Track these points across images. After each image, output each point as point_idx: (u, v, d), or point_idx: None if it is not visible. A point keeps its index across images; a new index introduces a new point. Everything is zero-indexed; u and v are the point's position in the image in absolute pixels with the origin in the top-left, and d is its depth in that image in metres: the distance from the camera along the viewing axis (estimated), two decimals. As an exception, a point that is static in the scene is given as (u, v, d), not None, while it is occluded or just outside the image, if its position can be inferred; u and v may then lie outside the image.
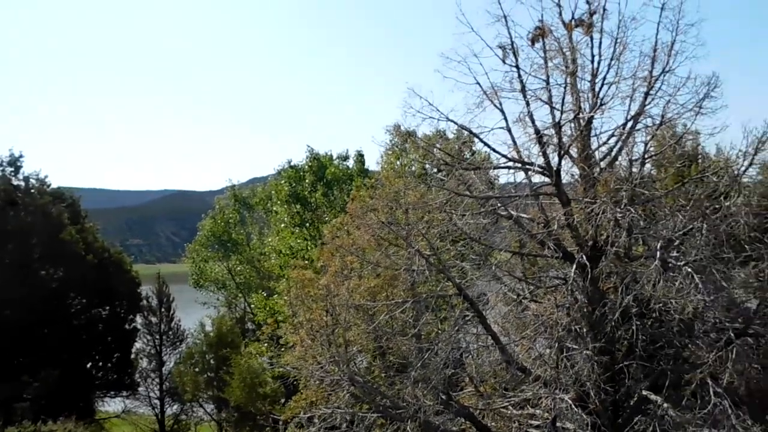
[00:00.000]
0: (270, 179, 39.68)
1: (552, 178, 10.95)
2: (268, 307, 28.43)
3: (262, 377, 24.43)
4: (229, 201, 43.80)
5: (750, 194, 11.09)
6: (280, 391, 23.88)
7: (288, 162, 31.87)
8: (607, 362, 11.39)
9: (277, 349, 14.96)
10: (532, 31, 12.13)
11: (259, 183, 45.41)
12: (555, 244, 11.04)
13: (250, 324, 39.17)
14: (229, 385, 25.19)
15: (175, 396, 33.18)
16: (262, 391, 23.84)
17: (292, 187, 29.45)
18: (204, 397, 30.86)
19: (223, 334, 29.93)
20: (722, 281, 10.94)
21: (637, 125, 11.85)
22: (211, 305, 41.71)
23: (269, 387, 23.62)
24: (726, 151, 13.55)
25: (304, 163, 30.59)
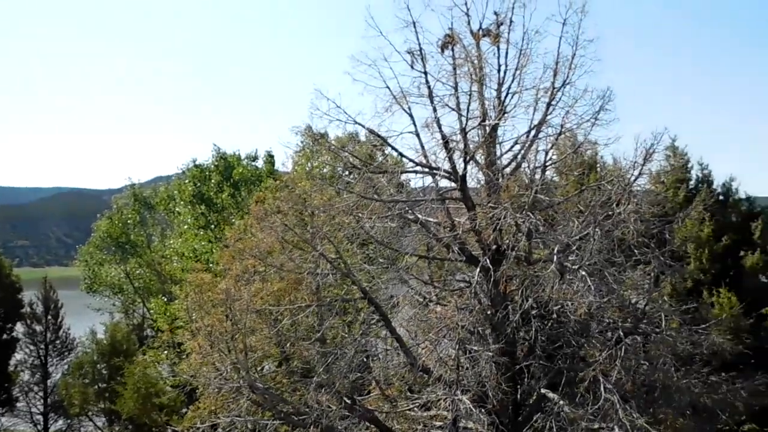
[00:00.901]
0: (174, 178, 38.10)
1: (458, 183, 11.29)
2: (168, 312, 27.22)
3: (158, 387, 23.28)
4: (129, 200, 41.58)
5: (639, 202, 11.94)
6: (179, 401, 22.88)
7: (193, 161, 30.76)
8: (508, 363, 11.90)
9: (176, 357, 14.34)
10: (442, 39, 12.49)
11: (164, 182, 43.44)
12: (460, 247, 11.39)
13: (150, 330, 37.38)
14: (122, 396, 23.79)
15: (61, 410, 30.94)
16: (159, 402, 22.71)
17: (196, 187, 28.46)
18: (94, 410, 28.99)
19: (117, 342, 28.28)
20: (614, 283, 11.77)
21: (539, 134, 12.50)
22: (105, 311, 39.32)
23: (167, 397, 22.54)
24: (620, 161, 14.68)
25: (210, 163, 29.69)
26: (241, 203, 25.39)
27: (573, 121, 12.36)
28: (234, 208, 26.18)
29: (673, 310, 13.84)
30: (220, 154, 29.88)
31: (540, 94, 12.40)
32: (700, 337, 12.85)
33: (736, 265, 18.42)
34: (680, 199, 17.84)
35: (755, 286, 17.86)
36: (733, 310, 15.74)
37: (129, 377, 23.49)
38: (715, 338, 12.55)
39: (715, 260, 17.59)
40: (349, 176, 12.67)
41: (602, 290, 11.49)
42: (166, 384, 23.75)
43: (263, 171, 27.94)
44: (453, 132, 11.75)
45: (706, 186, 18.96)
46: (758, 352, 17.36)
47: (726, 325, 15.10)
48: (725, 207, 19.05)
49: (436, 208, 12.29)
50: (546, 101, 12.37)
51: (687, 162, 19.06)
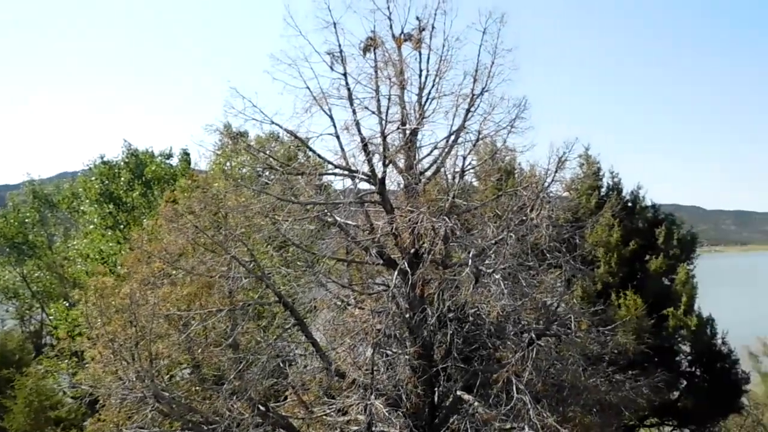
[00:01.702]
0: (80, 175, 36.13)
1: (377, 186, 11.49)
2: (70, 318, 25.78)
3: (55, 399, 21.87)
4: (27, 197, 39.03)
5: (552, 208, 12.60)
6: (80, 413, 21.62)
7: (101, 157, 29.25)
8: (425, 365, 12.24)
9: (77, 366, 13.66)
10: (364, 41, 12.68)
11: (69, 178, 41.05)
12: (378, 251, 11.60)
13: (49, 338, 35.22)
14: (11, 412, 22.08)
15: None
16: (56, 415, 21.35)
17: (104, 185, 27.12)
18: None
19: (8, 352, 26.27)
20: (527, 287, 12.37)
21: (458, 139, 12.94)
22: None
23: (66, 409, 21.23)
24: (536, 167, 15.44)
25: (120, 160, 28.40)
26: (153, 203, 24.47)
27: (491, 127, 12.88)
28: (146, 208, 25.20)
29: (583, 312, 14.72)
30: (131, 151, 28.63)
31: (459, 101, 12.85)
32: (606, 338, 13.75)
33: (642, 269, 19.81)
34: (592, 205, 18.95)
35: (658, 288, 19.29)
36: (638, 312, 16.88)
37: (20, 390, 21.85)
38: (620, 338, 13.41)
39: (622, 264, 18.79)
40: (268, 177, 12.60)
41: (516, 293, 12.06)
42: (65, 396, 22.37)
43: (178, 169, 27.06)
44: (374, 135, 11.94)
45: (616, 193, 20.25)
46: (659, 350, 18.76)
47: (631, 325, 16.19)
48: (633, 213, 20.42)
49: (355, 210, 12.44)
50: (465, 107, 12.84)
51: (599, 170, 20.28)
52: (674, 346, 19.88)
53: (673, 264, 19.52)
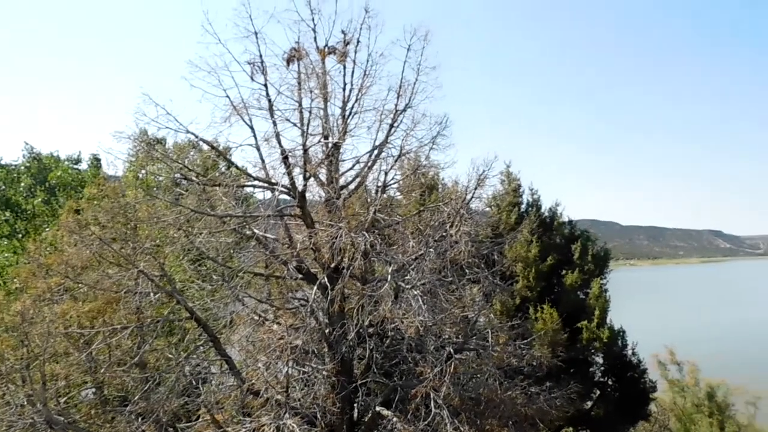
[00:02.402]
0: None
1: (297, 199, 11.38)
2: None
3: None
4: None
5: (472, 224, 12.90)
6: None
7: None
8: (345, 381, 12.18)
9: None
10: (288, 52, 12.58)
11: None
12: (297, 265, 11.47)
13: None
14: None
15: None
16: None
17: (0, 191, 25.20)
18: None
19: None
20: (446, 302, 12.58)
21: (381, 154, 13.05)
22: None
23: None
24: (457, 184, 15.79)
25: (21, 164, 26.52)
26: (57, 210, 23.01)
27: (413, 143, 13.12)
28: (49, 216, 23.65)
29: (501, 326, 15.15)
30: (33, 155, 26.80)
31: (383, 116, 13.00)
32: (523, 351, 14.19)
33: (559, 283, 20.66)
34: (512, 221, 19.61)
35: (573, 302, 20.16)
36: (553, 325, 17.55)
37: None
38: (535, 352, 13.85)
39: (540, 279, 19.54)
40: (185, 187, 12.20)
41: (436, 308, 12.24)
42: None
43: (87, 175, 25.58)
44: (296, 147, 11.84)
45: (535, 209, 21.06)
46: (574, 362, 19.59)
47: (547, 338, 16.81)
48: (551, 229, 21.28)
49: (275, 224, 12.27)
50: (389, 123, 12.99)
51: (519, 186, 21.03)
52: (588, 358, 20.80)
53: (588, 279, 20.48)
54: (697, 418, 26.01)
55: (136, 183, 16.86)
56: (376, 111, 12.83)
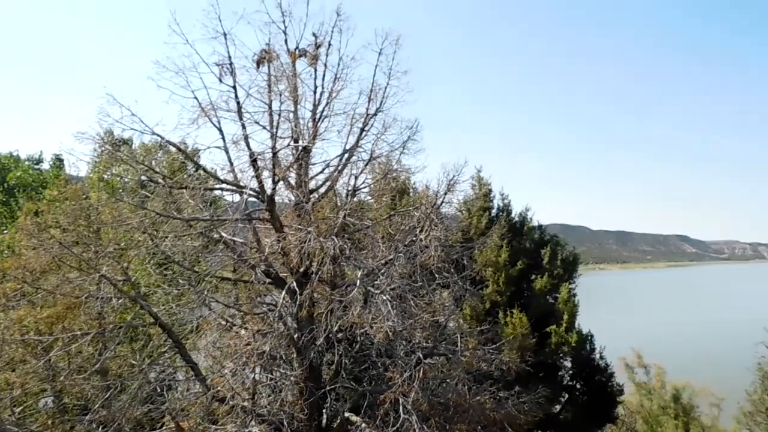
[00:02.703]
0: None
1: (266, 203, 11.27)
2: None
3: None
4: None
5: (442, 229, 12.94)
6: None
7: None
8: (313, 387, 12.09)
9: None
10: (258, 54, 12.48)
11: None
12: (265, 269, 11.35)
13: None
14: None
15: None
16: None
17: (-47, 191, 24.42)
18: None
19: None
20: (415, 307, 12.59)
21: (351, 158, 13.02)
22: None
23: None
24: (428, 188, 15.83)
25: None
26: (16, 212, 22.34)
27: (384, 148, 13.12)
28: (7, 218, 22.94)
29: (471, 331, 15.21)
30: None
31: (354, 120, 12.98)
32: (492, 356, 14.27)
33: (528, 288, 20.85)
34: (483, 225, 19.73)
35: (543, 307, 20.37)
36: (523, 329, 17.70)
37: None
38: (503, 357, 13.94)
39: (510, 283, 19.69)
40: (151, 190, 11.99)
41: (405, 314, 12.23)
42: None
43: (49, 176, 24.90)
44: (265, 150, 11.73)
45: (506, 214, 21.24)
46: (544, 366, 19.78)
47: (516, 343, 16.95)
48: (521, 234, 21.48)
49: (243, 227, 12.14)
50: (359, 127, 12.98)
51: (490, 191, 21.18)
52: (557, 362, 21.02)
53: (557, 283, 20.71)
54: (663, 420, 26.51)
55: (100, 185, 16.49)
56: (347, 115, 12.83)
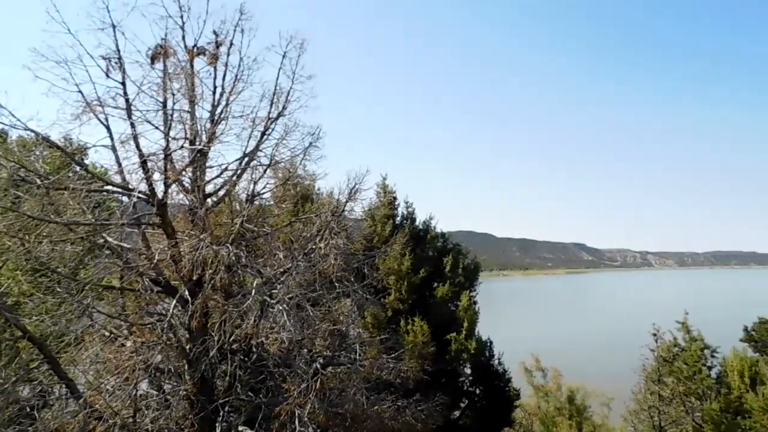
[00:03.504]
0: None
1: (156, 207, 10.76)
2: None
3: None
4: None
5: (342, 237, 12.90)
6: None
7: None
8: (204, 400, 11.65)
9: None
10: (153, 49, 11.92)
11: None
12: (155, 277, 10.83)
13: None
14: None
15: None
16: None
17: None
18: None
19: None
20: (314, 318, 12.46)
21: (251, 163, 12.71)
22: None
23: None
24: (331, 196, 15.78)
25: None
26: None
27: (285, 153, 12.91)
28: None
29: (371, 340, 15.27)
30: None
31: (255, 123, 12.69)
32: (391, 365, 14.39)
33: (431, 296, 21.26)
34: (387, 233, 19.91)
35: (444, 314, 20.84)
36: (423, 337, 18.00)
37: None
38: (402, 366, 14.09)
39: (412, 291, 19.99)
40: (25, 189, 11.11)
41: (303, 323, 12.08)
42: None
43: None
44: (157, 150, 11.19)
45: (410, 222, 21.57)
46: (445, 373, 20.23)
47: (417, 351, 17.21)
48: (424, 242, 21.89)
49: (132, 232, 11.52)
50: (261, 130, 12.70)
51: (394, 199, 21.43)
52: (457, 369, 21.56)
53: (458, 291, 21.25)
54: (558, 421, 27.84)
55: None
56: (247, 118, 12.51)
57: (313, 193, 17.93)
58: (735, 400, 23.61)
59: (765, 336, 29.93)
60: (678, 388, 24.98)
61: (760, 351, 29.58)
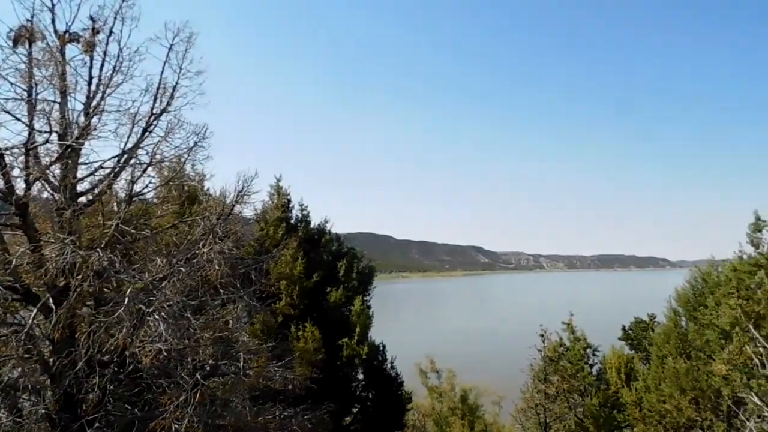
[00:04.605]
0: None
1: (15, 206, 9.88)
2: None
3: None
4: None
5: (227, 241, 12.46)
6: None
7: None
8: (68, 418, 10.86)
9: None
10: (16, 30, 10.98)
11: None
12: (12, 284, 9.94)
13: None
14: None
15: None
16: None
17: None
18: None
19: None
20: (196, 325, 11.96)
21: (131, 161, 12.00)
22: None
23: None
24: (217, 199, 15.25)
25: None
26: None
27: (169, 152, 12.29)
28: None
29: (258, 348, 14.88)
30: None
31: (137, 119, 12.01)
32: (278, 373, 14.10)
33: (325, 300, 21.14)
34: (279, 237, 19.57)
35: (336, 319, 20.79)
36: (314, 343, 17.86)
37: None
38: (288, 375, 13.85)
39: (304, 296, 19.77)
40: None
41: (184, 332, 11.56)
42: None
43: None
44: (17, 144, 10.28)
45: (304, 225, 21.32)
46: (335, 379, 20.18)
47: (307, 357, 17.03)
48: (319, 246, 21.74)
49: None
50: (142, 127, 12.05)
51: (288, 201, 21.10)
52: (350, 374, 21.59)
53: (352, 295, 21.28)
54: (452, 421, 28.68)
55: None
56: (127, 113, 11.80)
57: (201, 194, 17.24)
58: (612, 395, 25.49)
59: (640, 334, 32.53)
60: (563, 386, 26.58)
61: (635, 348, 32.11)
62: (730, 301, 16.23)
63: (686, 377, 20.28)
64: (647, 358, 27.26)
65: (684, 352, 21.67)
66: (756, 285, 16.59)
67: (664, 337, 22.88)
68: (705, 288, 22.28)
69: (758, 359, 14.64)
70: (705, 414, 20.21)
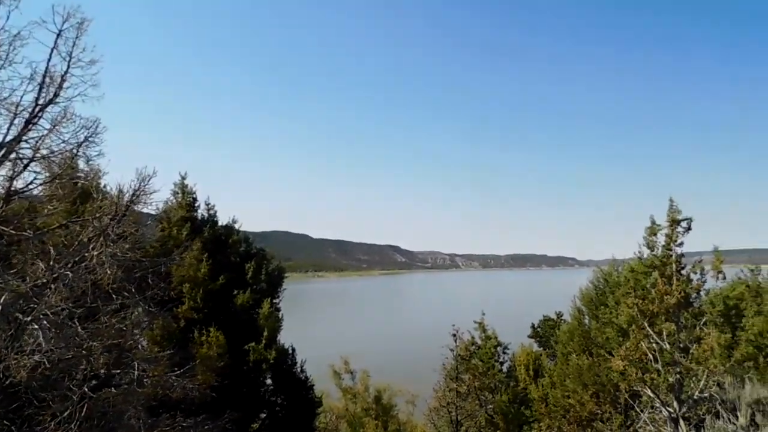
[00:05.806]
0: None
1: None
2: None
3: None
4: None
5: (121, 243, 11.84)
6: None
7: None
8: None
9: None
10: None
11: None
12: None
13: None
14: None
15: None
16: None
17: None
18: None
19: None
20: (84, 334, 11.28)
21: (11, 155, 11.17)
22: None
23: None
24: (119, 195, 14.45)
25: None
26: None
27: (56, 146, 11.54)
28: None
29: (157, 355, 14.26)
30: None
31: (18, 109, 11.17)
32: (176, 381, 13.57)
33: (231, 304, 20.59)
34: (183, 237, 18.86)
35: (244, 323, 20.31)
36: (219, 348, 17.35)
37: None
38: (188, 384, 13.38)
39: (209, 299, 19.15)
40: None
41: (69, 341, 10.89)
42: None
43: None
44: None
45: (210, 225, 20.66)
46: (242, 384, 19.73)
47: (211, 363, 16.51)
48: (226, 247, 21.15)
49: None
50: (25, 118, 11.22)
51: (194, 200, 20.37)
52: (257, 379, 21.17)
53: (260, 298, 20.84)
54: (365, 422, 28.81)
55: None
56: (6, 102, 10.94)
57: (95, 192, 16.24)
58: (521, 392, 26.52)
59: (547, 332, 34.08)
60: (474, 384, 27.35)
61: (543, 346, 33.60)
62: (628, 300, 17.24)
63: (588, 373, 21.39)
64: (554, 355, 28.57)
65: (587, 349, 22.86)
66: (650, 285, 17.71)
67: (569, 335, 24.05)
68: (606, 288, 23.62)
69: (651, 354, 15.64)
70: (605, 407, 21.41)
